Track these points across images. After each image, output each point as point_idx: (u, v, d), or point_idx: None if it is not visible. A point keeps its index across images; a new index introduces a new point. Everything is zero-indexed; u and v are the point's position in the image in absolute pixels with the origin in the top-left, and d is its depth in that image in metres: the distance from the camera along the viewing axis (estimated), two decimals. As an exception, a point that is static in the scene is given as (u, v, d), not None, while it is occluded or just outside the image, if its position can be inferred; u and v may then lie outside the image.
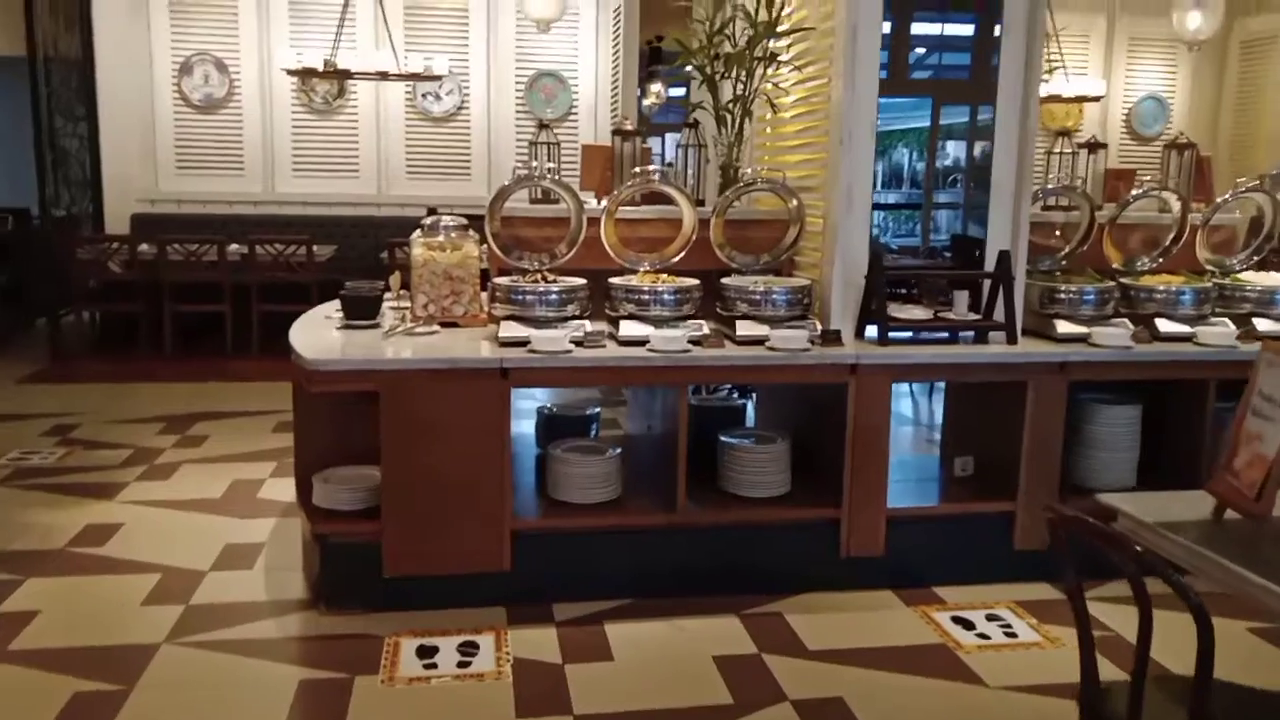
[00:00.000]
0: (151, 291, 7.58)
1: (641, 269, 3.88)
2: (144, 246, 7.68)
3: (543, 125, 4.25)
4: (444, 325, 3.84)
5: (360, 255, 8.45)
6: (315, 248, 7.72)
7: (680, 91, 9.87)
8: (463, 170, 8.99)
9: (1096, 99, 8.53)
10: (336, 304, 4.05)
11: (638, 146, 4.21)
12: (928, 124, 4.71)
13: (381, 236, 8.23)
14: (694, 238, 3.89)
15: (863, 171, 3.73)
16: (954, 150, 4.90)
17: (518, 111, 8.92)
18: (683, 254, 3.90)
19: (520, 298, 3.61)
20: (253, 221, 8.62)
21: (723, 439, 3.78)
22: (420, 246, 3.88)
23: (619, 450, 3.71)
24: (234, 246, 7.66)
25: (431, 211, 5.21)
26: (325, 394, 3.38)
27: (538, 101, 8.88)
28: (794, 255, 4.09)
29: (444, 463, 3.34)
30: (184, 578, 3.76)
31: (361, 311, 3.84)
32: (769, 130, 4.66)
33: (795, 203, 3.88)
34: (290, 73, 7.98)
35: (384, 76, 7.97)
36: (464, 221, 3.98)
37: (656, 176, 3.87)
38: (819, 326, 3.68)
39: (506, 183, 3.78)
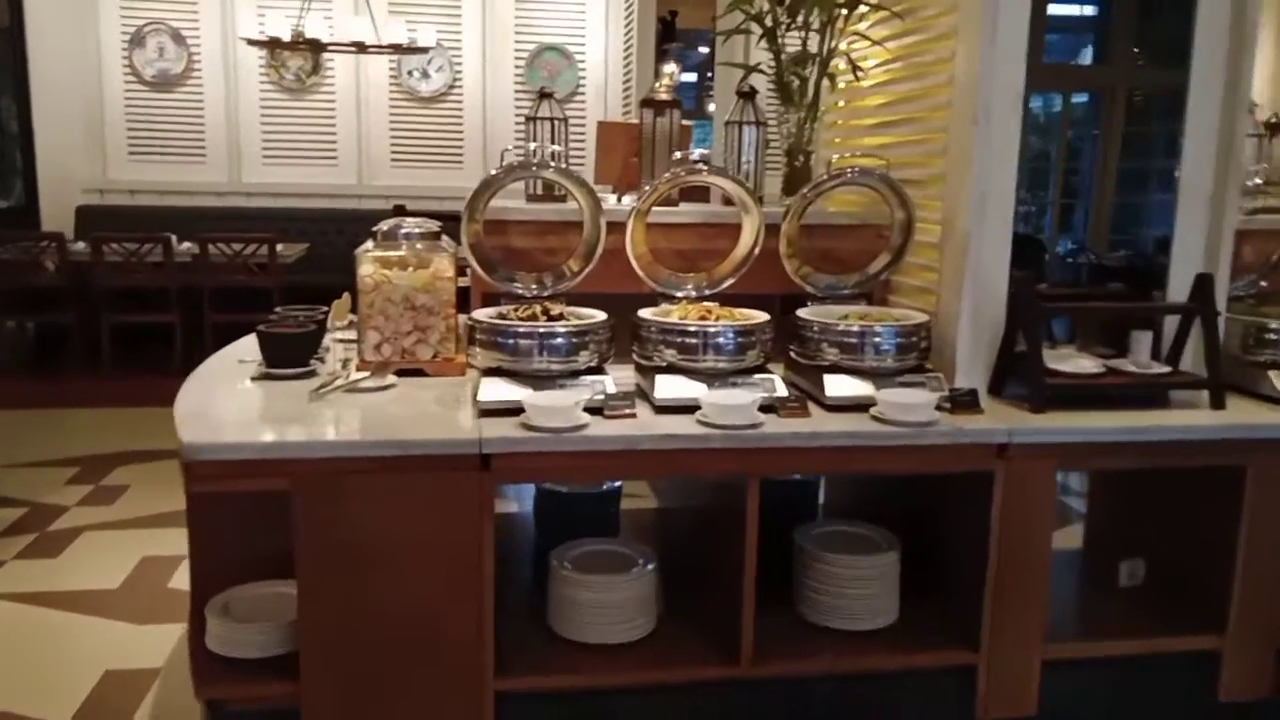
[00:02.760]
0: (86, 298, 6.48)
1: (681, 295, 2.76)
2: (79, 245, 6.57)
3: (544, 95, 3.11)
4: (404, 374, 2.71)
5: (336, 254, 7.33)
6: (280, 247, 6.60)
7: (691, 77, 8.85)
8: (454, 158, 7.88)
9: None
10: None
11: (676, 124, 3.07)
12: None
13: (361, 233, 7.09)
14: (756, 251, 2.77)
15: (1004, 164, 2.59)
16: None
17: (517, 91, 7.81)
18: (739, 274, 2.79)
19: (510, 341, 2.47)
20: (217, 215, 7.58)
21: (801, 545, 2.64)
22: (371, 263, 2.75)
23: (652, 565, 2.57)
24: (184, 246, 6.54)
25: (399, 211, 4.09)
26: (212, 494, 2.25)
27: (539, 79, 7.76)
28: (891, 276, 2.97)
29: (392, 596, 2.22)
30: (30, 736, 2.65)
31: (286, 356, 2.71)
32: (841, 104, 3.53)
33: (905, 206, 2.74)
34: (252, 43, 6.86)
35: (361, 48, 6.85)
36: (434, 227, 2.84)
37: (704, 166, 2.75)
38: (944, 383, 2.55)
39: (494, 171, 2.67)
